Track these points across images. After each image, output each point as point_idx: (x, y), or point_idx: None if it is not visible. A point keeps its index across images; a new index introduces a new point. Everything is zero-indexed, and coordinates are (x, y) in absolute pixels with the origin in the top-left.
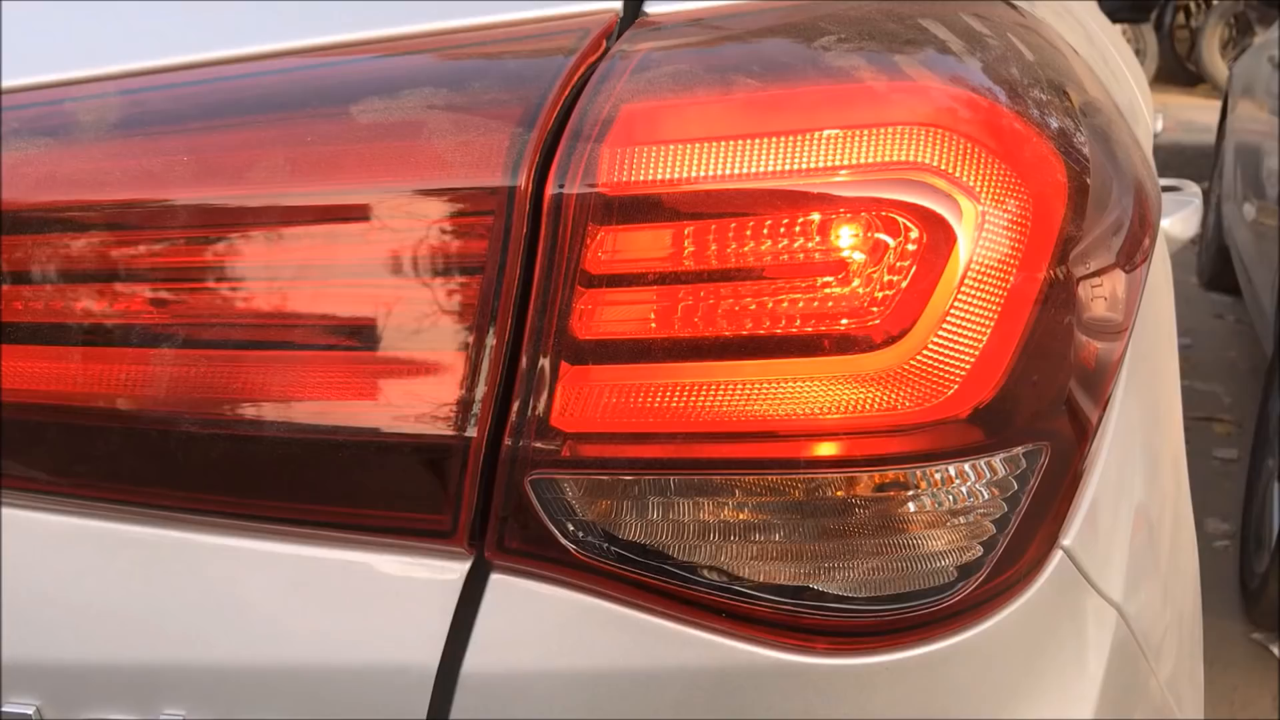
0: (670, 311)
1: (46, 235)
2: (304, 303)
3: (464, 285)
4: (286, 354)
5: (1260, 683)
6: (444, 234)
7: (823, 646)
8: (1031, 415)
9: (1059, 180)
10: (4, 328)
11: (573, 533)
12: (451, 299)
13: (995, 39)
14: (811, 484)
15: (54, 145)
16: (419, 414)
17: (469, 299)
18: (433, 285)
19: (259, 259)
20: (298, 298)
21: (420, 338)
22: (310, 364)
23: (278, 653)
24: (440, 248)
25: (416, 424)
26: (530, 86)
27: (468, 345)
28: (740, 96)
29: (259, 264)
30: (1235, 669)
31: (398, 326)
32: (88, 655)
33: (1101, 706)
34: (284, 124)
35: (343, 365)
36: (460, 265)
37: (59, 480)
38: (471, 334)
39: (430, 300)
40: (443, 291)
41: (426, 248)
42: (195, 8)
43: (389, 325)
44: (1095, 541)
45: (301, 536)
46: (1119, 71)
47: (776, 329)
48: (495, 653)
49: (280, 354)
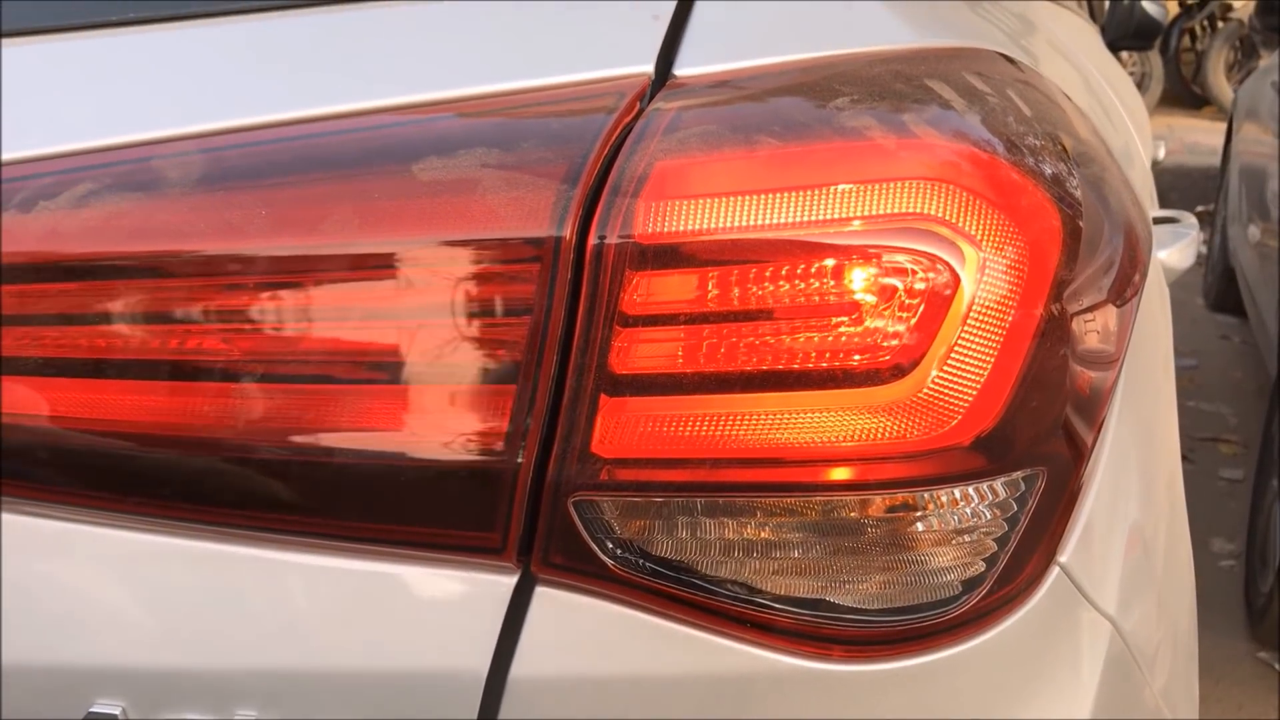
0: (698, 348)
1: (141, 280)
2: (370, 342)
3: (514, 325)
4: (352, 388)
5: (1266, 699)
6: (497, 280)
7: (839, 654)
8: (1029, 442)
9: (1054, 226)
10: (100, 364)
11: (611, 549)
12: (503, 338)
13: (995, 96)
14: (827, 506)
15: (145, 199)
16: (473, 442)
17: (518, 338)
18: (486, 326)
19: (331, 303)
20: (365, 338)
21: (474, 372)
22: (374, 397)
23: (341, 659)
24: (493, 292)
25: (471, 451)
26: (573, 146)
27: (517, 379)
28: (763, 154)
29: (331, 307)
30: (1241, 686)
31: (454, 363)
32: (169, 661)
33: (1097, 711)
34: (351, 180)
35: (403, 398)
36: (511, 307)
37: (147, 502)
38: (521, 369)
39: (484, 339)
40: (495, 331)
41: (481, 292)
42: (267, 71)
43: (446, 361)
44: (1090, 559)
45: (365, 553)
46: (1115, 113)
47: (795, 364)
48: (540, 659)
49: (346, 388)
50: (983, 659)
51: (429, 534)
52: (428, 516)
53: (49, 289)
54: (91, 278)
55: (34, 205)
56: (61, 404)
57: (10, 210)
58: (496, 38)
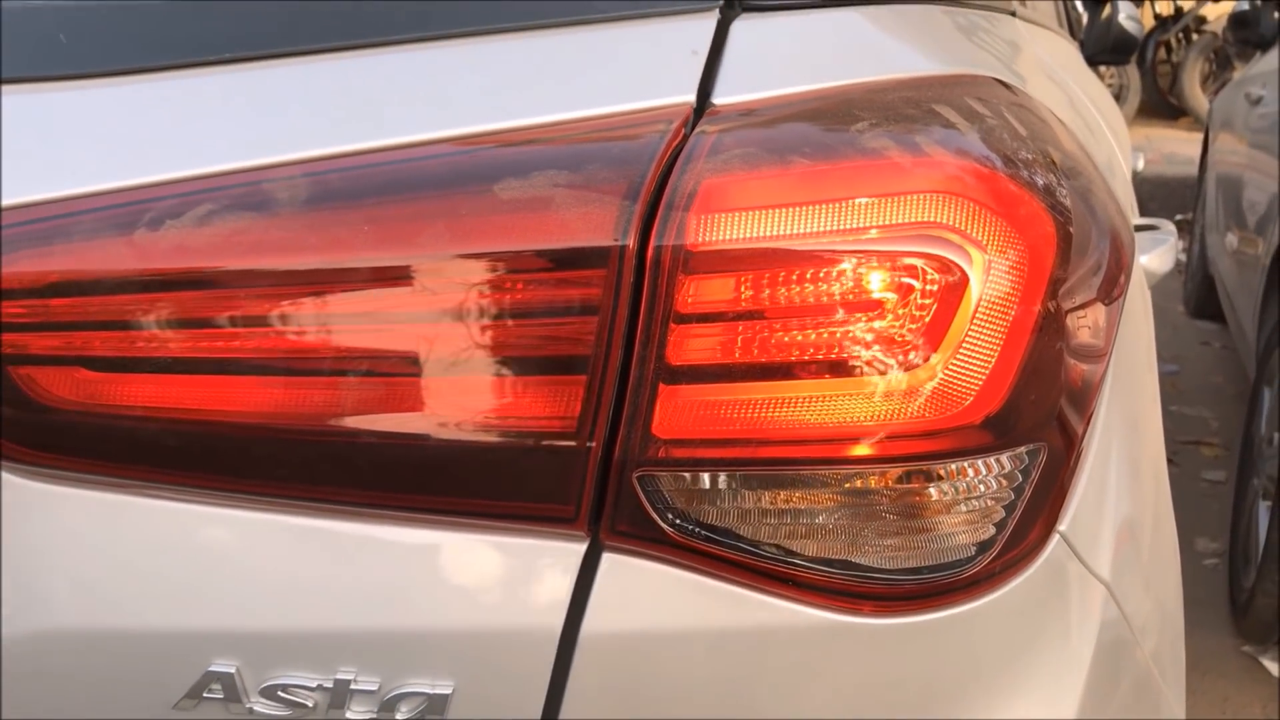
0: (743, 342)
1: (259, 289)
2: (463, 339)
3: (585, 323)
4: (445, 381)
5: (1250, 691)
6: (569, 284)
7: (869, 609)
8: (1031, 421)
9: (1049, 232)
10: (224, 362)
11: (669, 518)
12: (576, 334)
13: (993, 117)
14: (856, 477)
15: (259, 218)
16: (550, 426)
17: (588, 333)
18: (561, 323)
19: (431, 306)
20: (457, 336)
21: (551, 365)
22: (465, 389)
23: (432, 619)
24: (567, 294)
25: (549, 434)
26: (632, 167)
27: (588, 371)
28: (796, 171)
29: (431, 310)
30: (1226, 680)
31: (532, 358)
32: (279, 624)
33: (1094, 664)
34: (441, 199)
35: (490, 389)
36: (582, 308)
37: (265, 484)
38: (590, 362)
39: (560, 336)
40: (569, 328)
41: (556, 295)
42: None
43: (525, 357)
44: (1086, 529)
45: (456, 525)
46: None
47: (827, 355)
48: (607, 617)
49: (440, 381)
50: (994, 614)
51: (511, 508)
52: (511, 492)
53: (179, 297)
54: (214, 287)
55: (161, 224)
56: (192, 398)
57: (141, 228)
58: (557, 72)
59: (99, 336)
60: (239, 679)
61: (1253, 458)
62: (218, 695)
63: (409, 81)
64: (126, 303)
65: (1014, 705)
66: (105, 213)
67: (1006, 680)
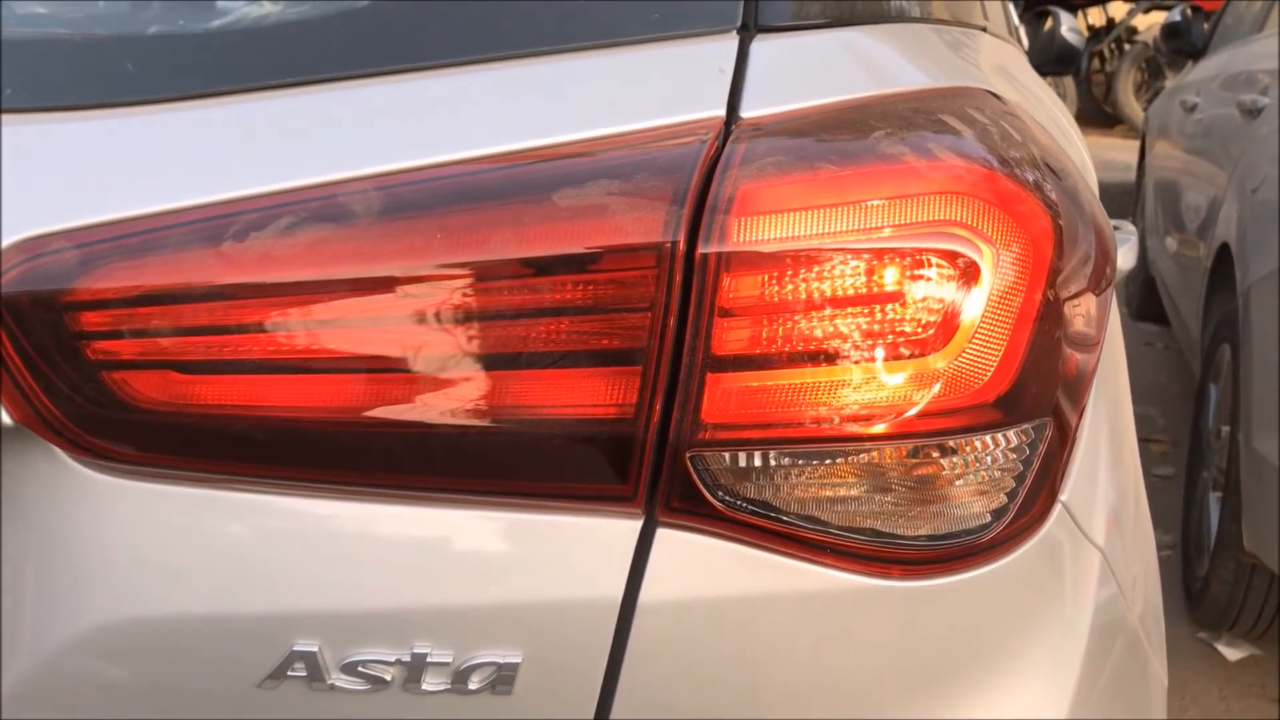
0: (781, 333)
1: (340, 295)
2: (531, 334)
3: (640, 317)
4: (516, 372)
5: (1208, 675)
6: (625, 283)
7: (897, 573)
8: (1036, 400)
9: (1046, 226)
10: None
11: (719, 495)
12: (632, 327)
13: (991, 124)
14: (883, 452)
15: (338, 228)
16: (610, 412)
17: (642, 326)
18: (618, 318)
19: (499, 305)
20: (526, 331)
21: (609, 357)
22: (532, 380)
23: (502, 593)
24: (622, 291)
25: (608, 419)
26: (677, 175)
27: (643, 361)
28: (823, 177)
29: (499, 308)
30: (1184, 666)
31: (594, 348)
32: (358, 605)
33: (1093, 624)
34: (505, 208)
35: (555, 380)
36: (637, 304)
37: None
38: (645, 353)
39: (617, 329)
40: (625, 322)
41: (613, 293)
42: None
43: (588, 347)
44: (1082, 500)
45: (524, 507)
46: (1070, 135)
47: (855, 343)
48: (663, 586)
49: (512, 372)
50: (1007, 577)
51: (575, 488)
52: (575, 475)
53: (267, 303)
54: (299, 293)
55: (246, 236)
56: (277, 396)
57: (227, 240)
58: (601, 91)
59: (189, 341)
60: (321, 657)
61: (1202, 451)
62: (300, 674)
63: (463, 102)
64: (214, 309)
65: (1024, 659)
66: (192, 226)
67: (1017, 638)
